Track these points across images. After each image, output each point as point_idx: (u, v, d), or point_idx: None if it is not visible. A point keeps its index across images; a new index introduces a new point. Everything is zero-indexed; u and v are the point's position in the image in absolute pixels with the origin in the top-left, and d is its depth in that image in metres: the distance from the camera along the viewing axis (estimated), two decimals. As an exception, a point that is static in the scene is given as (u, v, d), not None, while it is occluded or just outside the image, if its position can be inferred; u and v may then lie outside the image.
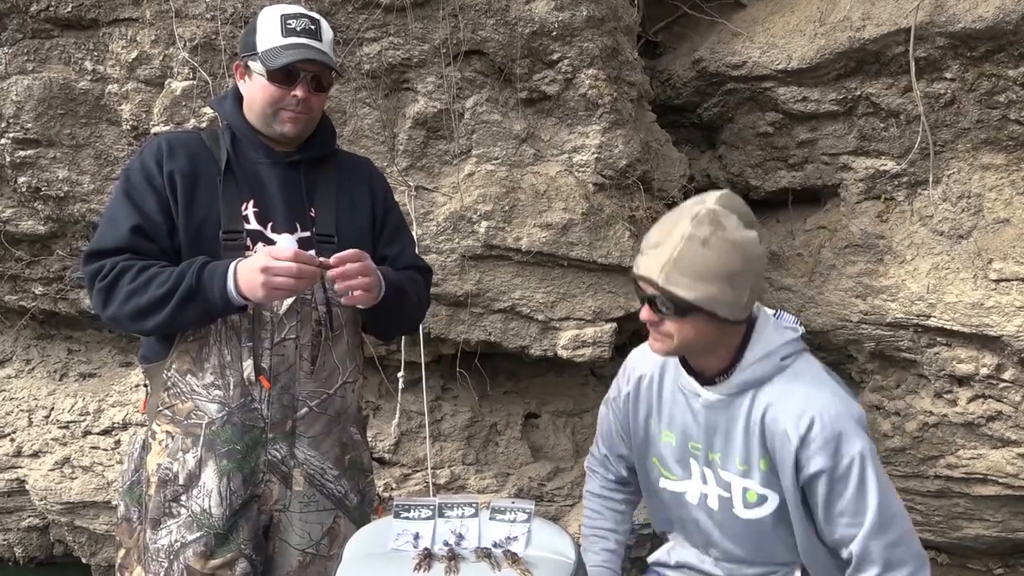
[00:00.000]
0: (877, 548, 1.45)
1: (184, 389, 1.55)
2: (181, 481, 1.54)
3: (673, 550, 1.67)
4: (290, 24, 1.58)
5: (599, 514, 1.75)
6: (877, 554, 1.45)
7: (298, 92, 1.58)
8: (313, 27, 1.61)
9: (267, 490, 1.58)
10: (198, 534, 1.53)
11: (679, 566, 1.66)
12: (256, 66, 1.59)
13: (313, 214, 1.64)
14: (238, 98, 1.67)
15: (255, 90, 1.60)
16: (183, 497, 1.54)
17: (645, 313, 1.48)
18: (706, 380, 1.52)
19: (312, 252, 1.59)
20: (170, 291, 1.45)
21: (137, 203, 1.53)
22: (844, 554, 1.48)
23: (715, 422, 1.51)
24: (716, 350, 1.50)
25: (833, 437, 1.43)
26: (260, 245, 1.55)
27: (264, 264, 1.41)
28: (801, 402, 1.45)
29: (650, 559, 1.73)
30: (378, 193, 1.76)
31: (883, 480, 1.46)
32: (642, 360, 1.65)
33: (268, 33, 1.58)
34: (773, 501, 1.48)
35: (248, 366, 1.54)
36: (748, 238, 1.44)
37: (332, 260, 1.47)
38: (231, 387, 1.54)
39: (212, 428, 1.54)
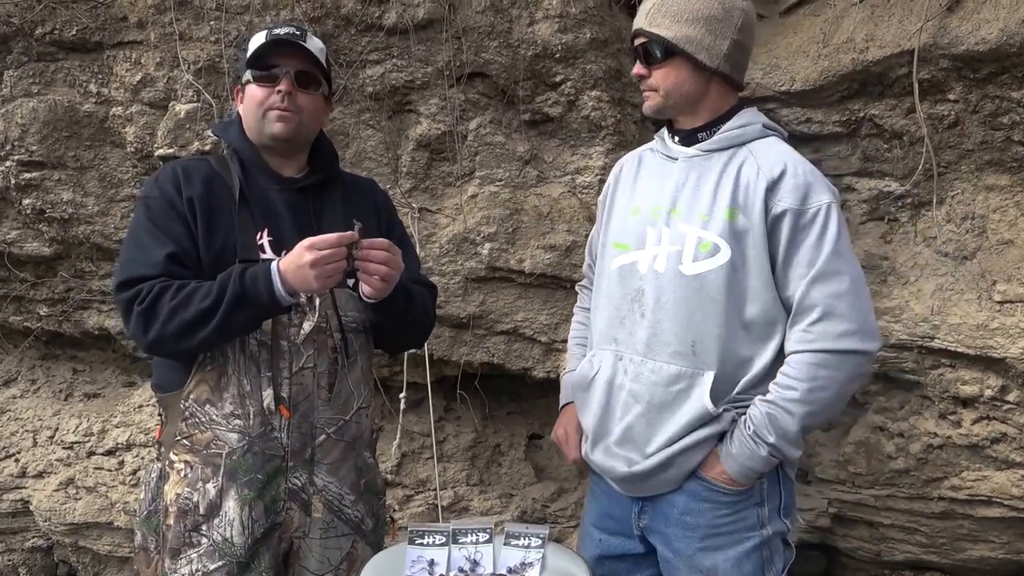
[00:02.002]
0: (819, 295, 1.45)
1: (203, 419, 1.52)
2: (202, 511, 1.51)
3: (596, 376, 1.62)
4: (276, 32, 1.59)
5: (583, 325, 1.80)
6: (817, 300, 1.45)
7: (281, 86, 1.56)
8: (299, 32, 1.60)
9: (288, 518, 1.56)
10: (220, 563, 1.50)
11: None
12: (245, 76, 1.60)
13: None
14: (242, 124, 1.65)
15: (248, 101, 1.60)
16: (203, 527, 1.51)
17: (636, 68, 1.58)
18: (690, 142, 1.59)
19: None
20: (215, 302, 1.42)
21: (166, 231, 1.51)
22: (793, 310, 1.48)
23: (686, 178, 1.56)
24: (700, 106, 1.57)
25: (804, 184, 1.48)
26: None
27: (312, 258, 1.40)
28: (779, 156, 1.52)
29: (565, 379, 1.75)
30: (383, 214, 1.75)
31: (843, 237, 1.49)
32: (627, 156, 1.76)
33: (255, 45, 1.59)
34: (724, 255, 1.48)
35: (268, 396, 1.52)
36: None
37: (364, 243, 1.47)
38: (251, 417, 1.52)
39: (233, 458, 1.52)
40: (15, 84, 2.41)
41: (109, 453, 2.69)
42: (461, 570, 1.50)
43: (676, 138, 1.61)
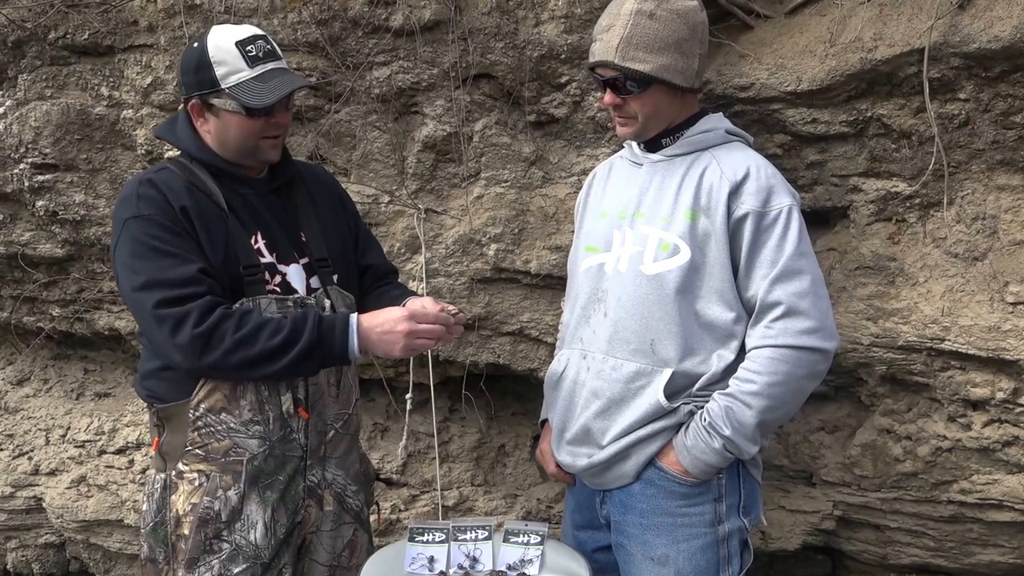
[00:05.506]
0: (782, 293, 1.42)
1: (219, 428, 1.45)
2: (224, 518, 1.45)
3: (562, 369, 1.64)
4: (250, 51, 1.43)
5: None
6: (781, 297, 1.42)
7: (280, 119, 1.49)
8: (270, 47, 1.47)
9: (306, 515, 1.53)
10: (244, 566, 1.45)
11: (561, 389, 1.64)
12: (226, 103, 1.44)
13: (304, 239, 1.57)
14: (194, 130, 1.50)
15: (228, 127, 1.46)
16: (225, 532, 1.45)
17: (608, 98, 1.52)
18: (655, 147, 1.58)
19: (315, 278, 1.55)
20: (285, 344, 1.34)
21: (181, 247, 1.40)
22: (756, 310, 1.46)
23: (650, 182, 1.54)
24: (674, 119, 1.57)
25: (766, 188, 1.46)
26: (278, 278, 1.48)
27: (409, 328, 1.37)
28: (742, 160, 1.49)
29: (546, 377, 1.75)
30: (346, 202, 1.73)
31: (804, 239, 1.46)
32: (601, 164, 1.76)
33: (229, 65, 1.42)
34: (683, 255, 1.44)
35: (287, 399, 1.46)
36: (690, 7, 1.50)
37: (456, 322, 1.46)
38: (271, 421, 1.46)
39: (254, 463, 1.46)
40: (29, 87, 2.33)
41: (119, 452, 2.61)
42: (461, 567, 1.48)
43: (642, 144, 1.60)
